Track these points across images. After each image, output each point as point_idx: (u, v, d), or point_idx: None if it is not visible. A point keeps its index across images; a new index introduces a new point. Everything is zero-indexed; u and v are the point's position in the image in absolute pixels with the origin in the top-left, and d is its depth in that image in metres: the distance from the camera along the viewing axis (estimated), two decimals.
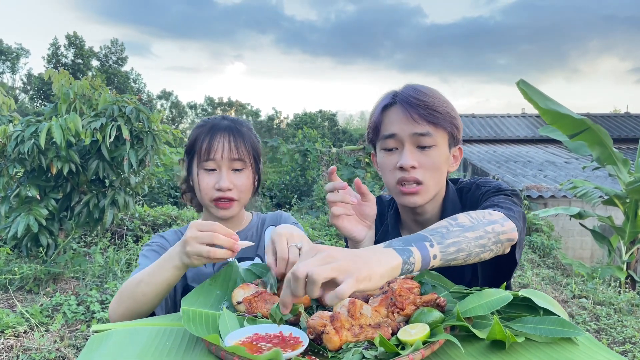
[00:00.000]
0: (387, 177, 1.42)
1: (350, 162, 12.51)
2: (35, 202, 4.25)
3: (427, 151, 1.36)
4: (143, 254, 1.52)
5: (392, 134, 1.38)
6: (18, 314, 3.74)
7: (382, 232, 1.53)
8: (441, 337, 0.89)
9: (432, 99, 1.37)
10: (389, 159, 1.40)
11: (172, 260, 1.23)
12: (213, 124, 1.54)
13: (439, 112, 1.35)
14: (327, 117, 44.25)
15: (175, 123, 47.18)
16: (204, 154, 1.49)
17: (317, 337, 0.92)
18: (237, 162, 1.51)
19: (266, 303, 1.07)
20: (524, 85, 6.02)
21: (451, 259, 1.03)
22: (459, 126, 1.42)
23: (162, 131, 4.62)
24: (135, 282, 1.28)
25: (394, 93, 1.42)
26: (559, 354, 0.88)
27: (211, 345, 0.91)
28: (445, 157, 1.40)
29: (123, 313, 1.28)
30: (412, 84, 1.44)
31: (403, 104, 1.37)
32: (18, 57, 38.76)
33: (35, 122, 4.16)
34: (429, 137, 1.35)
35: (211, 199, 1.50)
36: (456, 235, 1.05)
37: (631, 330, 4.33)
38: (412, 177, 1.36)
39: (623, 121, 17.12)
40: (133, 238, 6.19)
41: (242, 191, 1.53)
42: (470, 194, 1.46)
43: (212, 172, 1.50)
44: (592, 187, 6.86)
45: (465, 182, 1.54)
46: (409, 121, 1.35)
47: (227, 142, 1.49)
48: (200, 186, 1.51)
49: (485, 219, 1.14)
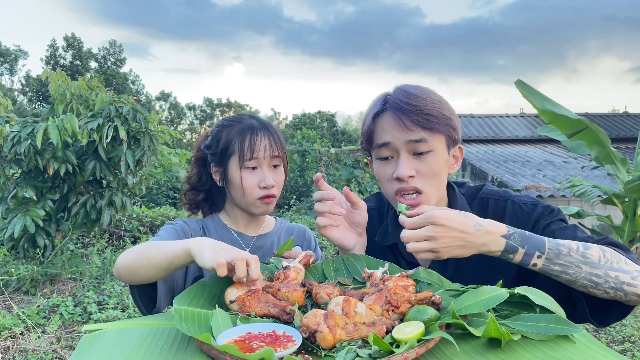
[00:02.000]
0: (385, 187, 1.38)
1: (349, 162, 12.50)
2: (32, 203, 4.23)
3: (423, 157, 1.31)
4: (165, 228, 1.55)
5: (385, 142, 1.33)
6: (15, 315, 3.72)
7: (382, 231, 1.50)
8: (436, 335, 0.88)
9: (425, 102, 1.31)
10: (385, 169, 1.36)
11: (186, 244, 1.16)
12: (248, 124, 1.57)
13: (432, 116, 1.29)
14: (326, 118, 44.26)
15: (174, 124, 47.17)
16: (246, 153, 1.52)
17: (310, 335, 0.91)
18: (276, 159, 1.57)
19: (259, 302, 1.05)
20: (521, 86, 6.02)
21: (552, 274, 1.14)
22: (455, 126, 1.36)
23: (159, 132, 4.60)
24: (146, 245, 1.30)
25: (384, 98, 1.37)
26: (556, 352, 0.87)
27: (203, 345, 0.90)
28: (444, 161, 1.35)
29: (126, 268, 1.28)
30: (403, 87, 1.38)
31: (394, 110, 1.31)
32: (16, 59, 38.74)
33: (32, 122, 4.14)
34: (425, 143, 1.30)
35: (256, 197, 1.54)
36: (572, 261, 1.12)
37: (630, 329, 4.32)
38: (411, 187, 1.31)
39: (622, 121, 17.13)
40: (131, 239, 6.17)
41: (280, 187, 1.60)
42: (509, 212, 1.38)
43: (254, 170, 1.54)
44: (591, 186, 6.85)
45: (473, 188, 1.49)
46: (401, 128, 1.30)
47: (267, 140, 1.54)
48: (245, 185, 1.53)
49: (617, 265, 1.15)
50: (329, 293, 1.09)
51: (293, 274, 1.17)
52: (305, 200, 11.29)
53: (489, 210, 1.42)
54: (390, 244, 1.47)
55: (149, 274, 1.26)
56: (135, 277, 1.29)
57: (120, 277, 1.32)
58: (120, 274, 1.30)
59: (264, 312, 1.03)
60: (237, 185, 1.54)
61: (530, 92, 5.98)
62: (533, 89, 6.01)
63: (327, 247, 6.35)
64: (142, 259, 1.25)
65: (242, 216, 1.64)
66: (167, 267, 1.22)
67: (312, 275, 1.28)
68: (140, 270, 1.26)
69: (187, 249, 1.14)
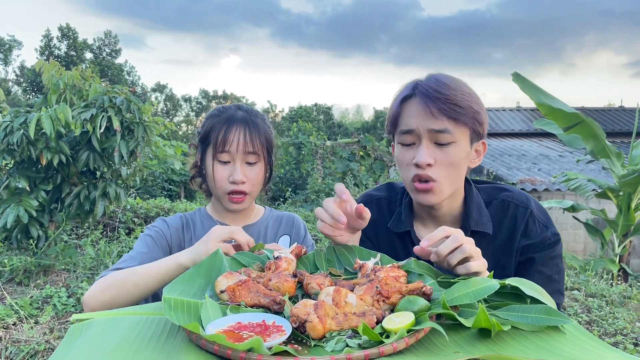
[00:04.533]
0: (403, 172, 1.38)
1: (345, 155, 12.49)
2: (25, 193, 4.20)
3: (445, 148, 1.31)
4: (141, 238, 1.54)
5: (409, 129, 1.33)
6: (7, 306, 3.70)
7: (396, 218, 1.51)
8: (426, 325, 0.87)
9: (454, 92, 1.30)
10: (406, 154, 1.36)
11: (177, 258, 1.28)
12: (228, 115, 1.54)
13: (459, 107, 1.29)
14: (322, 111, 44.19)
15: (169, 116, 46.98)
16: (219, 145, 1.49)
17: (300, 325, 0.90)
18: (251, 155, 1.52)
19: (250, 292, 1.04)
20: (518, 79, 6.02)
21: None
22: (482, 121, 1.35)
23: (153, 123, 4.57)
24: (129, 273, 1.30)
25: (415, 84, 1.36)
26: (546, 343, 0.87)
27: (191, 334, 0.89)
28: (465, 154, 1.35)
29: (105, 301, 1.27)
30: (436, 75, 1.37)
31: (422, 96, 1.31)
32: (10, 49, 38.43)
33: (24, 112, 4.10)
34: (447, 134, 1.30)
35: (225, 192, 1.51)
36: None
37: (622, 322, 4.35)
38: (426, 175, 1.31)
39: (617, 115, 17.16)
40: (125, 230, 6.15)
41: (255, 184, 1.54)
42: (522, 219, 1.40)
43: (226, 164, 1.51)
44: (586, 179, 6.87)
45: (490, 187, 1.49)
46: (427, 116, 1.30)
47: (242, 135, 1.50)
48: (215, 178, 1.51)
49: None
50: (320, 283, 1.08)
51: (284, 264, 1.16)
52: (301, 193, 11.29)
53: (509, 213, 1.43)
54: (402, 231, 1.49)
55: (138, 297, 1.30)
56: (118, 307, 1.28)
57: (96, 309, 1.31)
58: (94, 308, 1.29)
59: (254, 302, 1.02)
60: (209, 176, 1.54)
61: (527, 85, 5.99)
62: (530, 81, 6.02)
63: (321, 240, 6.35)
64: (127, 287, 1.28)
65: (222, 208, 1.61)
66: (158, 285, 1.29)
67: (303, 265, 1.27)
68: (127, 298, 1.29)
69: (180, 263, 1.28)
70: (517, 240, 1.40)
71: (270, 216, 1.70)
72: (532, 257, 1.40)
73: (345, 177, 11.29)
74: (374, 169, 12.49)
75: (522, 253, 1.41)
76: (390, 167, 12.77)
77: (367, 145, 12.69)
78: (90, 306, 1.29)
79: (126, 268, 1.36)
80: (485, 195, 1.47)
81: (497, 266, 1.42)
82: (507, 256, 1.42)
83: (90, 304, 1.29)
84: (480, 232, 1.41)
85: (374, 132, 33.25)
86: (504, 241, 1.42)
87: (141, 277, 1.27)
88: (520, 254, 1.41)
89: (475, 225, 1.40)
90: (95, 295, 1.29)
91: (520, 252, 1.41)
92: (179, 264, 1.27)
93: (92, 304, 1.29)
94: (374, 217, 1.52)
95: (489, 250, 1.42)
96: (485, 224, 1.41)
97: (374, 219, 1.52)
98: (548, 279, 1.39)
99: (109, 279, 1.31)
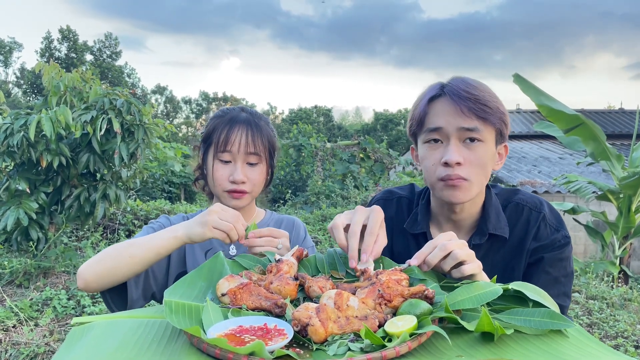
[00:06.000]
0: (429, 171, 1.37)
1: (345, 157, 12.50)
2: (25, 195, 4.20)
3: (473, 146, 1.31)
4: (144, 229, 1.55)
5: (438, 127, 1.33)
6: (7, 308, 3.70)
7: (412, 219, 1.51)
8: (429, 329, 0.87)
9: (483, 93, 1.32)
10: (433, 153, 1.35)
11: (174, 231, 1.29)
12: (232, 116, 1.54)
13: (488, 107, 1.30)
14: (322, 113, 44.21)
15: (169, 118, 46.99)
16: (220, 145, 1.50)
17: (302, 329, 0.90)
18: (253, 156, 1.52)
19: (251, 295, 1.04)
20: (519, 80, 6.02)
21: None
22: (507, 123, 1.36)
23: (153, 124, 4.57)
24: (125, 245, 1.31)
25: (442, 85, 1.37)
26: (549, 346, 0.86)
27: (193, 338, 0.89)
28: (491, 154, 1.35)
29: (100, 272, 1.28)
30: (461, 77, 1.38)
31: (452, 96, 1.31)
32: (11, 51, 38.46)
33: (25, 114, 4.10)
34: (477, 132, 1.30)
35: (224, 190, 1.52)
36: None
37: (623, 324, 4.34)
38: (457, 175, 1.31)
39: (617, 117, 17.17)
40: (125, 232, 6.15)
41: (255, 185, 1.54)
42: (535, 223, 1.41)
43: (227, 163, 1.51)
44: (586, 182, 6.87)
45: (506, 191, 1.49)
46: (457, 114, 1.30)
47: (244, 135, 1.50)
48: (215, 176, 1.52)
49: None
50: (321, 286, 1.08)
51: (285, 267, 1.16)
52: (301, 195, 11.28)
53: (523, 217, 1.43)
54: (418, 232, 1.49)
55: (133, 270, 1.30)
56: (112, 280, 1.30)
57: (88, 287, 1.31)
58: (89, 283, 1.29)
59: (256, 306, 1.02)
60: (210, 175, 1.55)
61: (527, 87, 5.99)
62: (530, 83, 6.02)
63: (321, 242, 6.34)
64: (123, 261, 1.28)
65: None
66: (154, 259, 1.29)
67: (304, 268, 1.27)
68: (122, 270, 1.29)
69: (176, 236, 1.27)
70: (528, 243, 1.41)
71: (270, 219, 1.71)
72: (540, 258, 1.40)
73: (345, 179, 11.30)
74: (374, 171, 12.50)
75: (532, 255, 1.41)
76: (390, 169, 12.77)
77: (368, 147, 12.69)
78: (84, 278, 1.29)
79: None
80: (500, 199, 1.47)
81: (506, 268, 1.42)
82: (517, 259, 1.42)
83: (84, 276, 1.28)
84: (497, 235, 1.41)
85: (374, 134, 33.28)
86: (516, 244, 1.42)
87: (139, 248, 1.28)
88: (530, 255, 1.41)
89: (493, 229, 1.41)
90: (90, 266, 1.29)
91: (530, 254, 1.41)
92: (175, 237, 1.28)
93: (86, 276, 1.28)
94: (390, 215, 1.54)
95: (501, 253, 1.43)
96: (503, 228, 1.41)
97: (390, 217, 1.53)
98: (554, 280, 1.39)
99: (106, 251, 1.32)
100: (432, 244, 1.13)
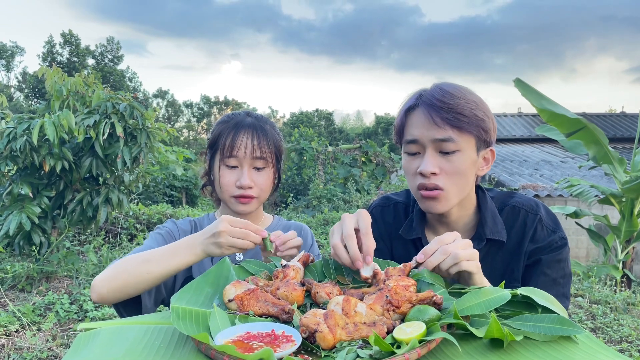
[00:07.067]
0: (409, 181, 1.40)
1: (346, 160, 12.50)
2: (28, 199, 4.20)
3: (449, 156, 1.32)
4: (152, 235, 1.53)
5: (413, 139, 1.35)
6: (10, 312, 3.69)
7: (407, 225, 1.52)
8: (438, 335, 0.86)
9: (458, 101, 1.31)
10: (411, 164, 1.38)
11: (192, 248, 1.26)
12: (237, 121, 1.54)
13: (463, 115, 1.29)
14: (323, 116, 44.25)
15: (171, 122, 47.06)
16: (226, 150, 1.49)
17: (310, 335, 0.89)
18: (259, 160, 1.51)
19: (258, 301, 1.04)
20: (520, 84, 6.02)
21: None
22: (487, 128, 1.35)
23: (156, 129, 4.58)
24: (141, 260, 1.29)
25: (419, 94, 1.38)
26: (559, 353, 0.86)
27: (201, 344, 0.88)
28: (471, 162, 1.35)
29: (116, 287, 1.27)
30: (440, 84, 1.38)
31: (425, 106, 1.32)
32: (13, 55, 38.57)
33: (27, 119, 4.11)
34: (452, 142, 1.30)
35: (231, 195, 1.51)
36: None
37: (627, 329, 4.32)
38: (433, 184, 1.32)
39: (619, 120, 17.16)
40: (127, 237, 6.14)
41: (262, 189, 1.54)
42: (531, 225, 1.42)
43: (234, 169, 1.51)
44: (588, 185, 6.85)
45: (502, 194, 1.50)
46: (431, 125, 1.30)
47: (250, 140, 1.50)
48: (221, 182, 1.51)
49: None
50: (328, 292, 1.07)
51: (292, 272, 1.15)
52: (303, 199, 11.28)
53: (519, 219, 1.44)
54: (414, 237, 1.50)
55: (150, 284, 1.29)
56: (128, 294, 1.29)
57: (104, 301, 1.29)
58: (105, 297, 1.28)
59: (263, 312, 1.02)
60: (217, 181, 1.54)
61: (528, 91, 5.99)
62: (532, 87, 6.02)
63: (324, 246, 6.33)
64: (141, 277, 1.27)
65: (230, 212, 1.59)
66: (171, 274, 1.29)
67: (311, 274, 1.26)
68: (140, 286, 1.28)
69: (196, 253, 1.26)
70: (525, 246, 1.42)
71: (279, 224, 1.70)
72: (538, 260, 1.41)
73: (347, 183, 11.29)
74: (376, 175, 12.50)
75: (529, 257, 1.42)
76: (392, 172, 12.77)
77: (369, 151, 12.70)
78: (99, 293, 1.27)
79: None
80: (497, 203, 1.48)
81: (506, 271, 1.44)
82: (516, 261, 1.44)
83: (100, 291, 1.27)
84: (495, 240, 1.42)
85: (375, 138, 33.29)
86: (513, 246, 1.43)
87: (157, 266, 1.26)
88: (528, 257, 1.43)
89: (490, 234, 1.42)
90: (106, 280, 1.27)
91: (527, 256, 1.43)
92: (195, 253, 1.27)
93: (101, 291, 1.27)
94: (389, 221, 1.56)
95: (500, 256, 1.43)
96: (500, 232, 1.43)
97: (389, 223, 1.55)
98: (553, 281, 1.40)
99: (122, 265, 1.30)
100: (438, 242, 1.14)
